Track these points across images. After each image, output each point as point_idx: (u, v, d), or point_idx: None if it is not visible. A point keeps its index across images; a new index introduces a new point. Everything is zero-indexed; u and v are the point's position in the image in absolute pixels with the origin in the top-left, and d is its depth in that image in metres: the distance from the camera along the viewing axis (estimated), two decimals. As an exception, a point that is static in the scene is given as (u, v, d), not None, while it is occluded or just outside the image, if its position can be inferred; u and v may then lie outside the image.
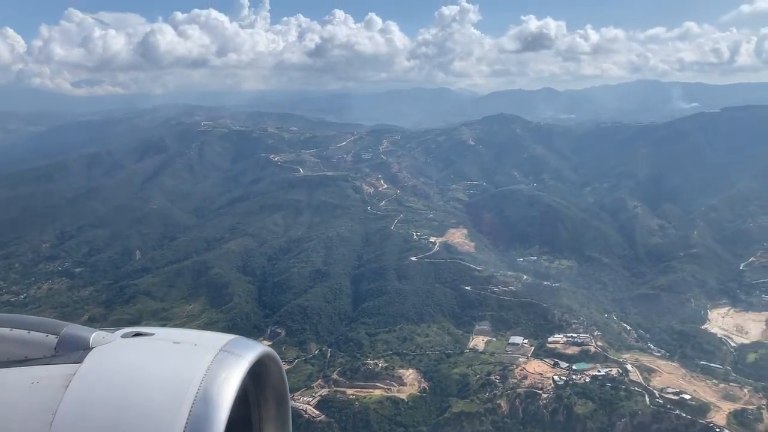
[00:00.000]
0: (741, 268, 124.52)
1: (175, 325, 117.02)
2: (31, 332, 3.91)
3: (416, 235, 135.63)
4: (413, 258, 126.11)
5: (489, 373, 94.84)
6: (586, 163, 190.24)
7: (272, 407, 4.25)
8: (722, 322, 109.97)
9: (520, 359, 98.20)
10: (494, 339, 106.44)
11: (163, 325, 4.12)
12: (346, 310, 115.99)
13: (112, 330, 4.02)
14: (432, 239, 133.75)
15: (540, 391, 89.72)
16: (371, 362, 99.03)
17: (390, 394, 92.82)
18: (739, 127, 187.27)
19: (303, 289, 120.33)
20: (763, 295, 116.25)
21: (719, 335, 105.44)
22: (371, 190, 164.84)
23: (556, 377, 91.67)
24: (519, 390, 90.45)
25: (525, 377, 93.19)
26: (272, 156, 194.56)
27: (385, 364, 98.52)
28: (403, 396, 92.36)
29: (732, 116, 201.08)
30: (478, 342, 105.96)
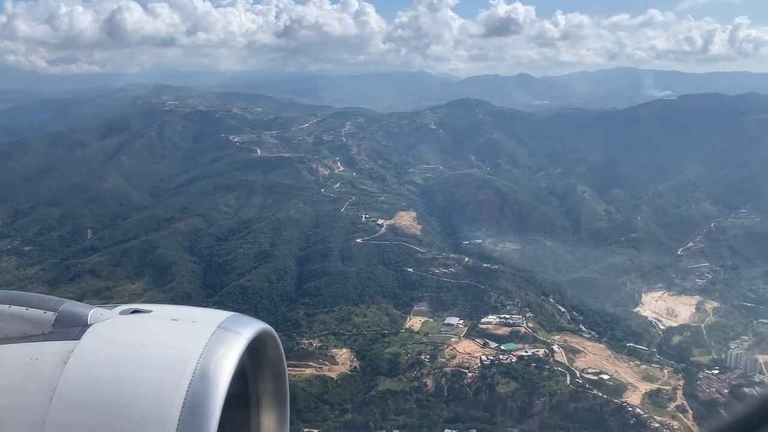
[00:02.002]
0: (679, 253, 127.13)
1: (120, 303, 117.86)
2: (29, 309, 3.90)
3: (365, 217, 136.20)
4: (359, 240, 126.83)
5: (420, 353, 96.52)
6: (543, 149, 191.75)
7: (270, 383, 4.26)
8: (655, 305, 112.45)
9: (452, 339, 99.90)
10: (431, 320, 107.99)
11: (106, 304, 4.09)
12: (288, 291, 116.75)
13: (110, 307, 4.03)
14: (380, 222, 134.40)
15: (466, 371, 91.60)
16: (306, 342, 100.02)
17: (320, 373, 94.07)
18: (694, 115, 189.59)
19: (247, 269, 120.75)
20: (698, 280, 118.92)
21: (650, 318, 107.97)
22: (327, 173, 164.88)
23: (483, 357, 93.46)
24: (446, 369, 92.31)
25: (454, 357, 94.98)
26: (232, 137, 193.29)
27: (320, 344, 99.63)
28: (333, 375, 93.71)
29: (689, 104, 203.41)
30: (415, 323, 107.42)
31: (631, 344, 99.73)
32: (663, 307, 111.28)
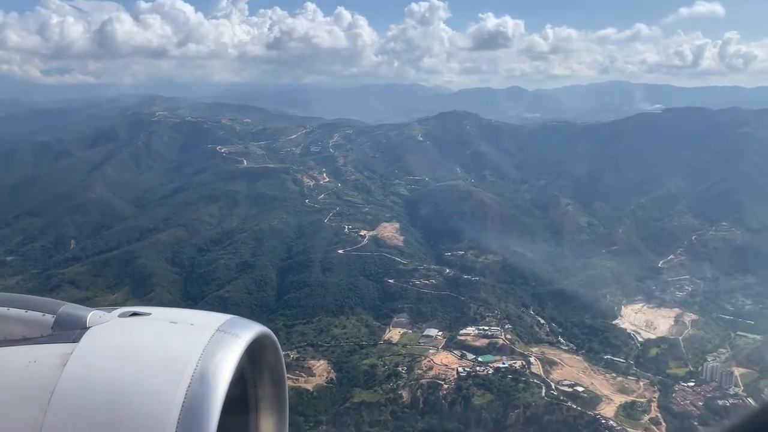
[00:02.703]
0: (659, 265, 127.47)
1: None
2: (28, 311, 3.88)
3: (348, 228, 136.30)
4: (340, 251, 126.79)
5: (397, 365, 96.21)
6: (529, 161, 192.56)
7: (269, 387, 4.22)
8: (634, 317, 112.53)
9: (430, 351, 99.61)
10: (410, 331, 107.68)
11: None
12: (268, 302, 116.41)
13: (108, 309, 4.01)
14: (363, 233, 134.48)
15: (442, 382, 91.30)
16: (283, 353, 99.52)
17: (296, 385, 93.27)
18: (678, 128, 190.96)
19: (227, 280, 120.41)
20: (677, 292, 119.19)
21: (629, 330, 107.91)
22: (312, 183, 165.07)
23: (460, 369, 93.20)
24: (422, 381, 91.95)
25: (431, 368, 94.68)
26: (219, 147, 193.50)
27: (297, 356, 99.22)
28: (309, 386, 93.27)
29: (672, 117, 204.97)
30: (394, 334, 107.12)
31: (609, 356, 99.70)
32: (642, 320, 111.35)
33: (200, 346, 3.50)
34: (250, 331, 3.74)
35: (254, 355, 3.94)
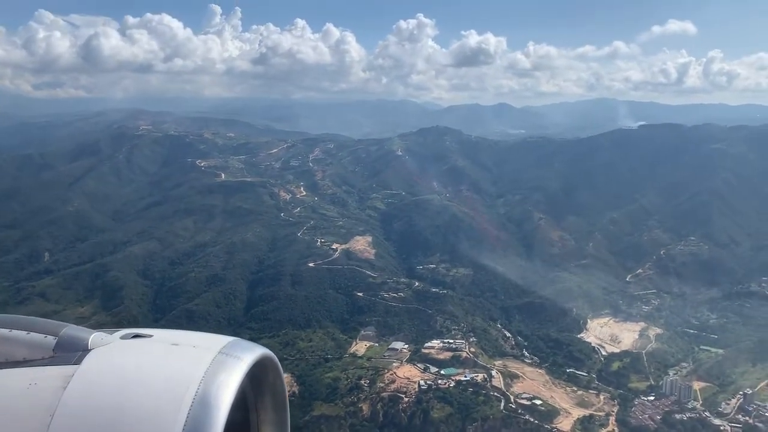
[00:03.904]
0: (627, 279, 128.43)
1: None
2: (30, 333, 3.88)
3: (320, 241, 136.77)
4: (311, 264, 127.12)
5: (360, 378, 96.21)
6: (506, 176, 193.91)
7: (270, 411, 4.20)
8: (599, 331, 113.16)
9: (394, 364, 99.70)
10: (377, 344, 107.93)
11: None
12: (236, 315, 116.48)
13: (110, 331, 4.03)
14: (335, 246, 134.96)
15: (403, 395, 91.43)
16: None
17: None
18: (653, 144, 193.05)
19: (197, 293, 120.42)
20: (644, 306, 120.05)
21: (593, 344, 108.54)
22: (288, 197, 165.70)
23: (422, 382, 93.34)
24: (384, 394, 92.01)
25: (393, 382, 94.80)
26: (199, 161, 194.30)
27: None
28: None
29: (648, 133, 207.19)
30: (360, 347, 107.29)
31: (572, 370, 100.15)
32: (607, 333, 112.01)
33: (202, 368, 3.50)
34: (251, 353, 3.78)
35: (256, 378, 3.96)
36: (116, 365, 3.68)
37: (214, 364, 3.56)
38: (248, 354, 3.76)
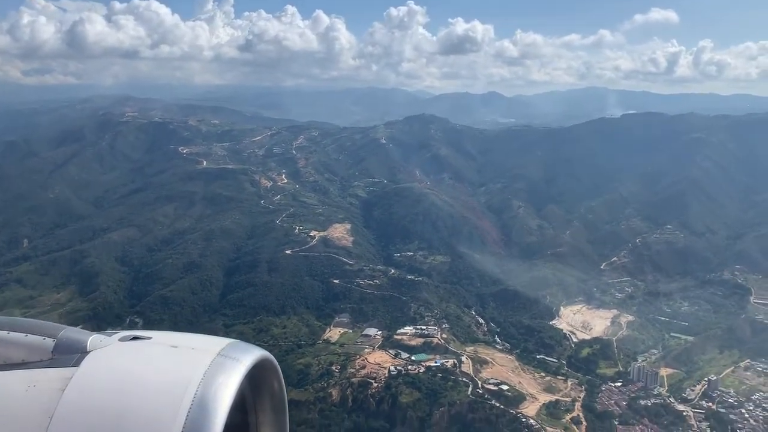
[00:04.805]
0: (602, 267, 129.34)
1: (39, 312, 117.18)
2: (29, 335, 3.87)
3: (298, 229, 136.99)
4: (288, 251, 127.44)
5: (331, 364, 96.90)
6: (489, 164, 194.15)
7: (270, 413, 4.19)
8: (572, 318, 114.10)
9: (366, 350, 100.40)
10: (350, 331, 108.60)
11: (25, 313, 4.02)
12: (212, 302, 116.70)
13: (109, 333, 4.01)
14: (312, 233, 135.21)
15: (373, 381, 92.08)
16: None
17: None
18: (635, 133, 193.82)
19: (173, 279, 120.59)
20: (617, 294, 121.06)
21: (565, 331, 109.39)
22: (269, 184, 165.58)
23: (392, 368, 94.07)
24: (354, 380, 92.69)
25: (363, 367, 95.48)
26: (181, 148, 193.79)
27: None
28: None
29: (630, 122, 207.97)
30: (334, 334, 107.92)
31: (542, 356, 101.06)
32: (579, 320, 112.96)
33: (201, 371, 3.49)
34: (250, 355, 3.76)
35: (255, 380, 3.95)
36: (115, 367, 3.69)
37: (212, 366, 3.55)
38: (247, 356, 3.75)
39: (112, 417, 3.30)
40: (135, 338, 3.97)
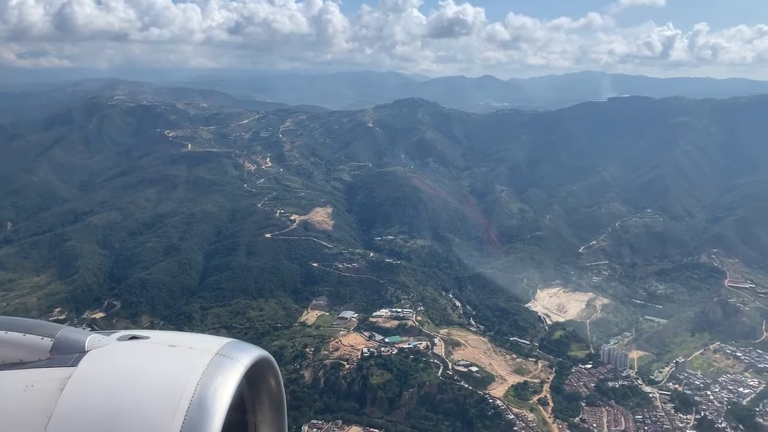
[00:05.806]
0: (580, 251, 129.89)
1: (18, 295, 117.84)
2: (27, 335, 3.87)
3: (279, 213, 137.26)
4: (268, 235, 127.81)
5: (306, 346, 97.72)
6: (475, 148, 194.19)
7: (268, 412, 4.21)
8: (548, 301, 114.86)
9: (341, 332, 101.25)
10: (327, 313, 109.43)
11: (4, 296, 4.08)
12: (191, 285, 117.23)
13: (107, 333, 4.03)
14: (293, 217, 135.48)
15: (345, 363, 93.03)
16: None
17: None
18: (620, 117, 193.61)
19: (152, 262, 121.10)
20: (594, 277, 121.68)
21: (540, 313, 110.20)
22: (253, 168, 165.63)
23: (365, 349, 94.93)
24: (327, 362, 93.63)
25: (337, 349, 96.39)
26: (167, 131, 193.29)
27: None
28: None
29: (616, 106, 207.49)
30: (311, 316, 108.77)
31: (515, 338, 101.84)
32: (555, 303, 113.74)
33: (199, 370, 3.51)
34: (249, 355, 3.79)
35: (253, 380, 3.98)
36: (113, 367, 3.70)
37: (211, 366, 3.58)
38: (245, 355, 3.78)
39: (110, 417, 3.32)
40: (133, 338, 4.00)
